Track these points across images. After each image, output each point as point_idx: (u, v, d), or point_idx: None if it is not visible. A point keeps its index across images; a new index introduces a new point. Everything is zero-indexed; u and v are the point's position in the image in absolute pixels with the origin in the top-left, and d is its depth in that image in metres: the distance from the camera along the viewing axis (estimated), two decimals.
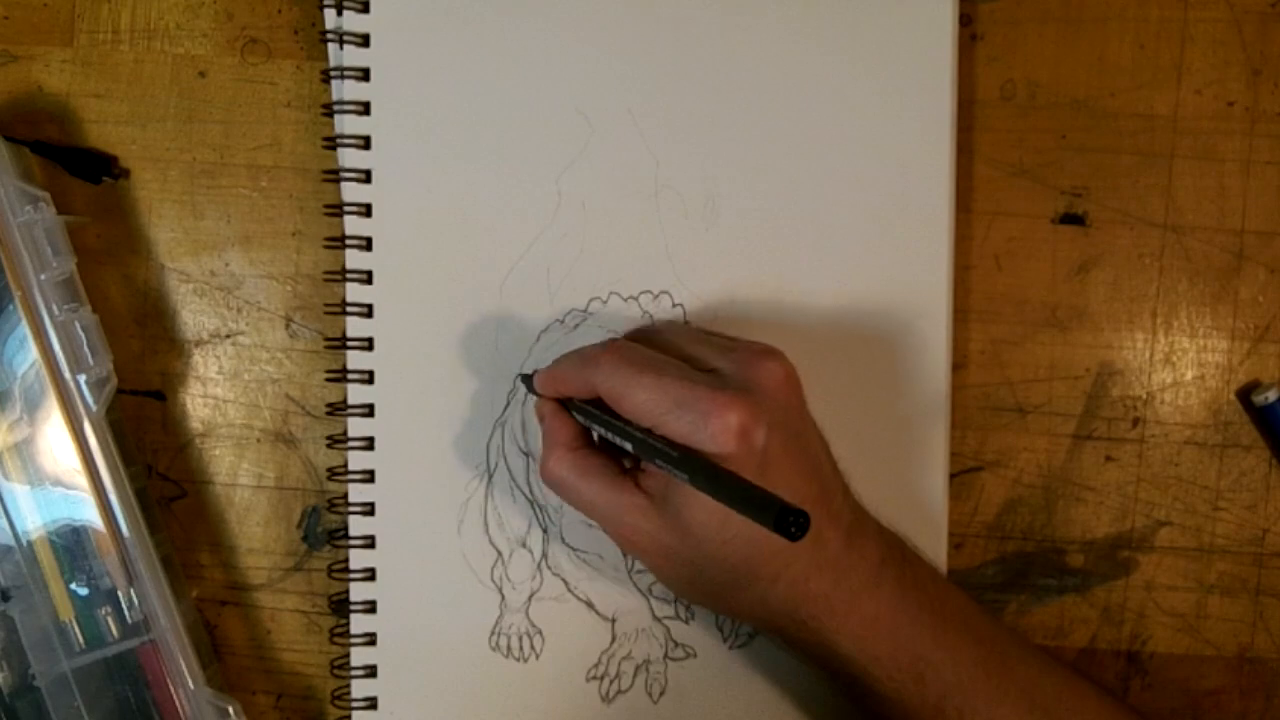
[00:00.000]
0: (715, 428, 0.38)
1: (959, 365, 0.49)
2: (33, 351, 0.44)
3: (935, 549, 0.47)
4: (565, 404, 0.44)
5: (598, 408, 0.42)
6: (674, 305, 0.47)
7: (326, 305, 0.49)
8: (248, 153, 0.49)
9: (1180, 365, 0.49)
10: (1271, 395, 0.48)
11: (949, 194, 0.47)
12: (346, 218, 0.47)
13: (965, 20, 0.48)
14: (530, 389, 0.46)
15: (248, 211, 0.49)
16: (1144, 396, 0.49)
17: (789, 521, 0.33)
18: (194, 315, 0.49)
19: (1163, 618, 0.49)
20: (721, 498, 0.35)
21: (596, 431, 0.43)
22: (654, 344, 0.43)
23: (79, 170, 0.48)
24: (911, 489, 0.47)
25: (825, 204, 0.47)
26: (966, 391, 0.49)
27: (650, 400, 0.39)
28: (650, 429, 0.39)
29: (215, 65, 0.49)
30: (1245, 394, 0.49)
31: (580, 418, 0.43)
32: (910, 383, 0.47)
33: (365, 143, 0.47)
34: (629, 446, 0.40)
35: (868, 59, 0.47)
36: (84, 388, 0.45)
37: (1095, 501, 0.49)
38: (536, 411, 0.45)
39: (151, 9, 0.49)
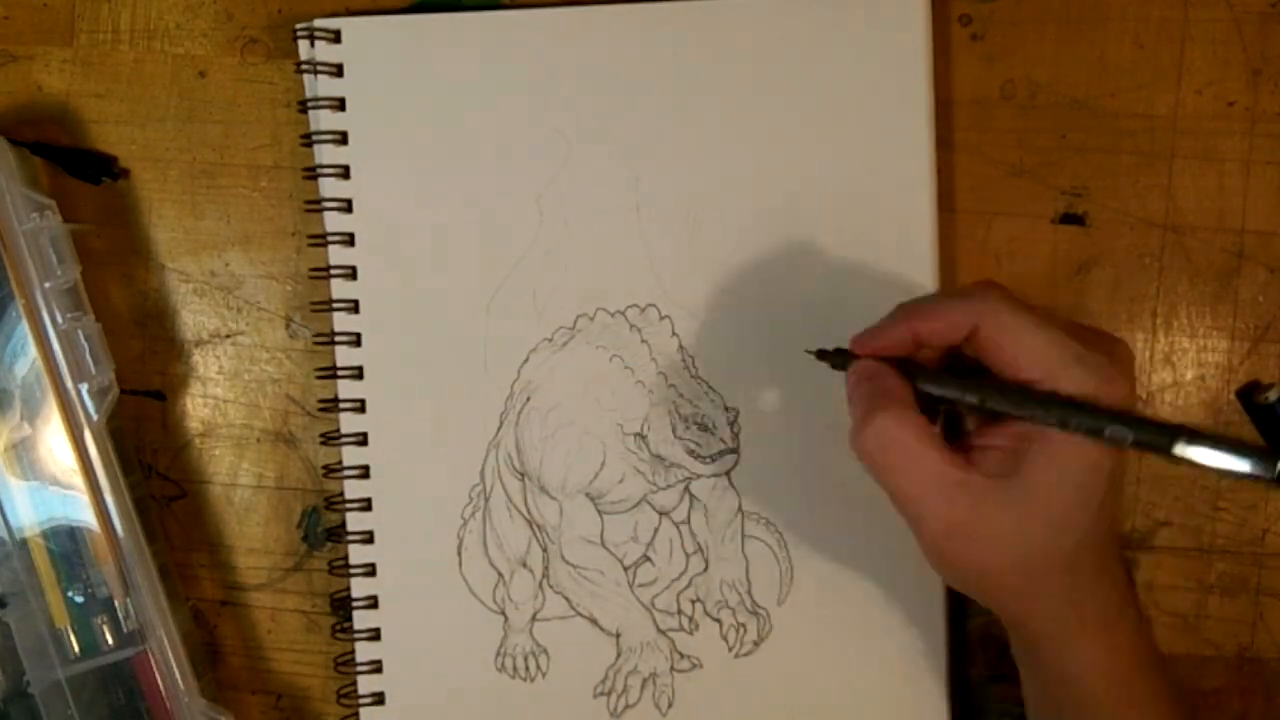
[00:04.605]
0: (1122, 387, 0.34)
1: None
2: (34, 359, 0.44)
3: None
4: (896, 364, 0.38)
5: (943, 367, 0.37)
6: (661, 317, 0.47)
7: (317, 334, 0.49)
8: (248, 153, 0.49)
9: (1180, 365, 0.49)
10: (1272, 395, 0.48)
11: (930, 193, 0.47)
12: (331, 248, 0.47)
13: (965, 20, 0.48)
14: (834, 362, 0.40)
15: (248, 211, 0.49)
16: (1144, 396, 0.49)
17: None
18: (194, 315, 0.49)
19: (1163, 618, 0.49)
20: (1211, 452, 0.32)
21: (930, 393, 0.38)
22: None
23: (78, 170, 0.48)
24: None
25: (806, 209, 0.47)
26: None
27: (1051, 345, 0.35)
28: (1036, 381, 0.35)
29: (215, 65, 0.49)
30: (1245, 394, 0.49)
31: (924, 382, 0.37)
32: None
33: (345, 172, 0.47)
34: (1003, 406, 0.35)
35: (843, 63, 0.46)
36: (85, 397, 0.45)
37: None
38: (850, 379, 0.39)
39: (151, 9, 0.49)
